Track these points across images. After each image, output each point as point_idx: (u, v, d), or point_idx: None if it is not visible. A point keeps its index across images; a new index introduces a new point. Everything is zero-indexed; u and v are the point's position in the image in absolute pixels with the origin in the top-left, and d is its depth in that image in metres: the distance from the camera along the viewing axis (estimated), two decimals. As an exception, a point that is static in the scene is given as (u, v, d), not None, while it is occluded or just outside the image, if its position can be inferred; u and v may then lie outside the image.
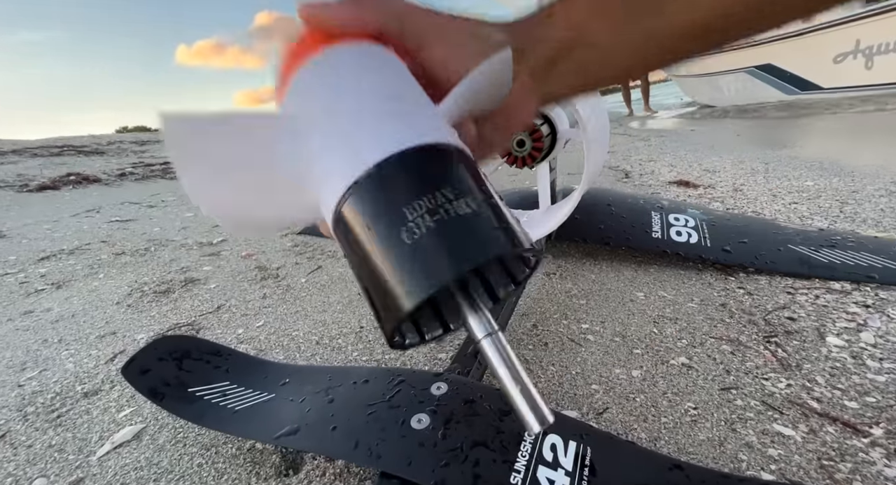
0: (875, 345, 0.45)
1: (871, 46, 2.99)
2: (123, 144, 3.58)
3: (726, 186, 1.17)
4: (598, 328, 0.55)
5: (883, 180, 1.06)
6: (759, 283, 0.62)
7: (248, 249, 0.98)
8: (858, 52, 3.08)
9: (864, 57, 3.06)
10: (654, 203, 0.80)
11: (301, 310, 0.66)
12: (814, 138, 2.13)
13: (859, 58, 3.09)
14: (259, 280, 0.79)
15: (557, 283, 0.69)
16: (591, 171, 0.47)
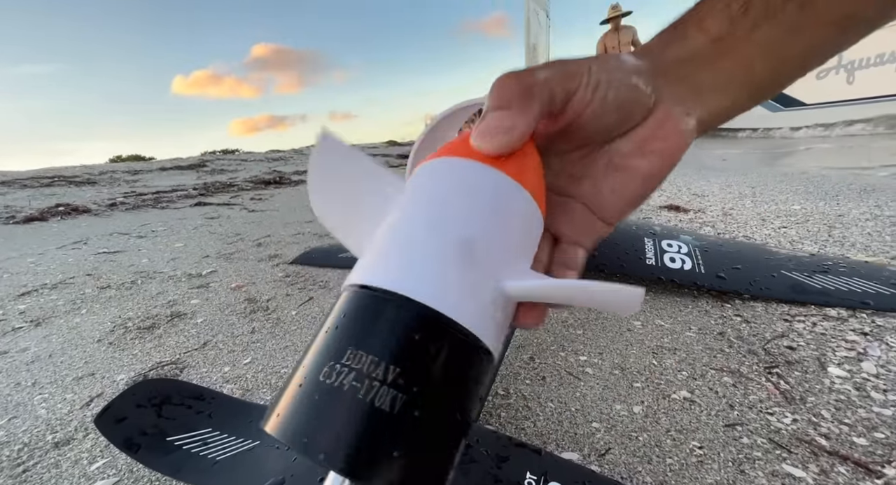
0: (877, 375, 0.44)
1: (852, 61, 3.11)
2: (116, 173, 3.58)
3: (716, 211, 1.19)
4: (596, 360, 0.54)
5: (867, 204, 1.08)
6: (755, 310, 0.61)
7: (238, 280, 0.96)
8: (840, 67, 3.19)
9: (845, 72, 3.17)
10: (647, 229, 0.80)
11: (291, 344, 0.64)
12: (796, 163, 2.19)
13: (841, 73, 3.20)
14: (248, 313, 0.76)
15: (553, 312, 0.68)
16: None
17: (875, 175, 1.48)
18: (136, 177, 3.44)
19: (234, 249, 1.27)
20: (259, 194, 2.75)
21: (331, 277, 0.94)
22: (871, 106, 3.03)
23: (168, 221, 1.85)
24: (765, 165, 2.00)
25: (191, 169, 4.22)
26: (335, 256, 1.05)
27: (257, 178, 3.55)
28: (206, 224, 1.74)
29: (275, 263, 1.09)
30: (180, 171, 4.06)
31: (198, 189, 2.94)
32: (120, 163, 5.82)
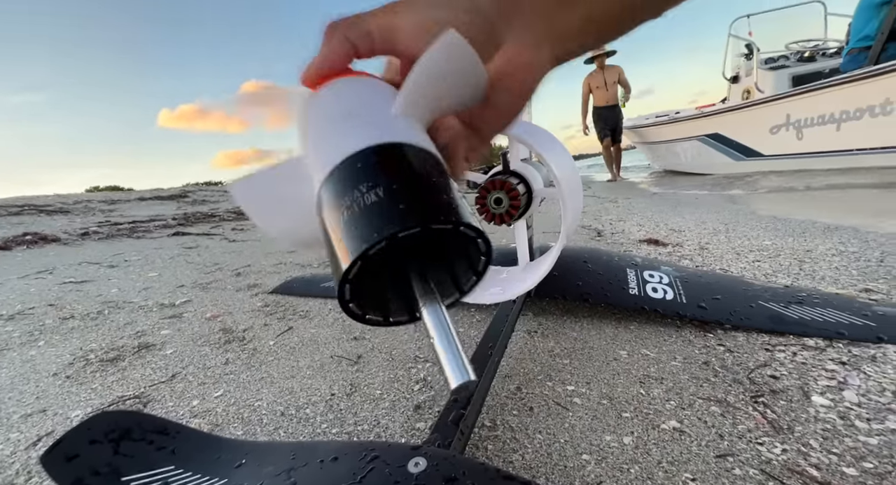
0: (860, 404, 0.45)
1: (799, 120, 3.42)
2: (91, 203, 3.49)
3: (692, 245, 1.23)
4: (584, 390, 0.53)
5: (832, 241, 1.14)
6: (737, 340, 0.62)
7: (213, 310, 0.92)
8: (790, 124, 3.50)
9: (795, 129, 3.47)
10: (628, 260, 0.82)
11: (266, 376, 0.61)
12: (763, 202, 2.32)
13: (791, 130, 3.51)
14: (223, 344, 0.73)
15: (539, 341, 0.67)
16: (568, 227, 0.48)
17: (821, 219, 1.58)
18: (112, 206, 3.35)
19: (212, 279, 1.23)
20: (241, 224, 2.71)
21: (312, 307, 0.91)
22: (820, 159, 3.31)
23: (143, 250, 1.79)
24: (733, 204, 2.11)
25: (171, 199, 4.16)
26: (317, 286, 1.03)
27: (239, 209, 3.51)
28: (184, 254, 1.69)
29: (254, 292, 1.06)
30: (160, 201, 3.99)
31: (177, 219, 2.88)
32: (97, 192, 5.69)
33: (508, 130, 0.43)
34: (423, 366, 0.62)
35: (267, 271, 1.30)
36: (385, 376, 0.59)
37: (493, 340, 0.56)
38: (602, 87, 4.61)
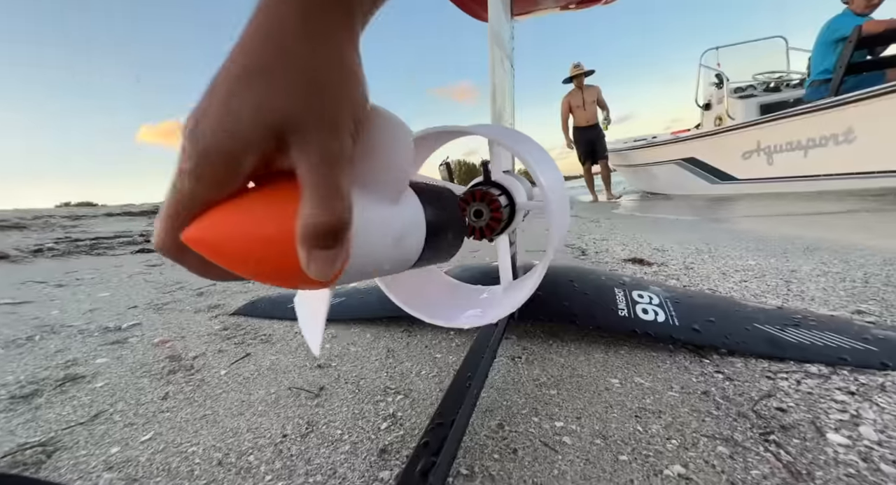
0: (880, 443, 0.40)
1: (769, 146, 3.57)
2: (53, 218, 3.30)
3: (678, 264, 1.21)
4: (574, 427, 0.46)
5: (814, 261, 1.13)
6: (735, 366, 0.57)
7: (164, 334, 0.83)
8: (760, 150, 3.65)
9: (765, 155, 3.62)
10: (616, 279, 0.78)
11: (210, 414, 0.52)
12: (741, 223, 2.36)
13: (762, 155, 3.66)
14: (165, 374, 0.64)
15: (524, 369, 0.61)
16: (554, 242, 0.43)
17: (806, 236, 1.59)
18: (76, 222, 3.17)
19: (170, 299, 1.13)
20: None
21: (276, 330, 0.83)
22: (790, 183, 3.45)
23: (101, 268, 1.67)
24: (712, 223, 2.13)
25: (143, 215, 3.98)
26: (284, 307, 0.95)
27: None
28: (145, 272, 1.57)
29: (214, 314, 0.97)
30: (130, 217, 3.81)
31: (145, 236, 2.74)
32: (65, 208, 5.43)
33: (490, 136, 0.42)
34: (393, 398, 0.54)
35: (234, 291, 1.21)
36: (349, 412, 0.52)
37: (472, 368, 0.50)
38: (581, 106, 4.60)
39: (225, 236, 0.17)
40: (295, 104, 0.16)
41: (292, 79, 0.16)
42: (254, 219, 0.17)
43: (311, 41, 0.17)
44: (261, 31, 0.17)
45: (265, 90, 0.16)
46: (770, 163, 3.60)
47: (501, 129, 0.51)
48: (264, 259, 0.17)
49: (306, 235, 0.16)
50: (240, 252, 0.17)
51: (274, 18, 0.17)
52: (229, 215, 0.17)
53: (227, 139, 0.16)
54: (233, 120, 0.16)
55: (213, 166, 0.16)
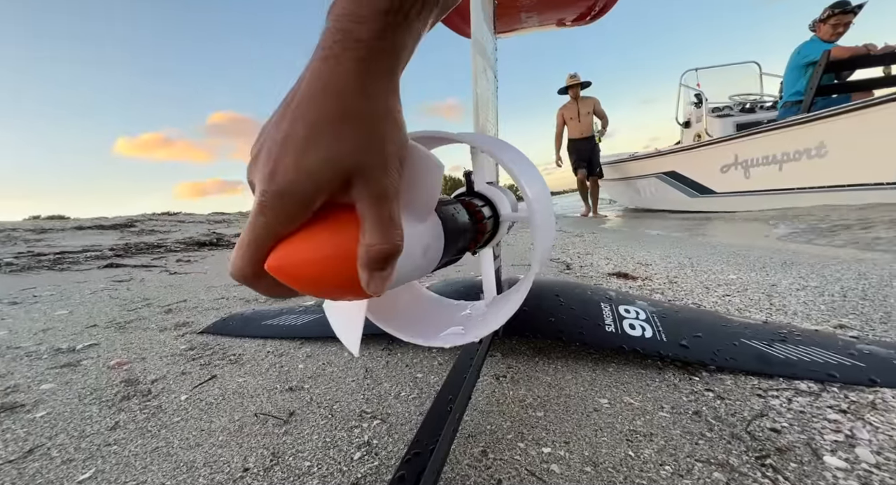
0: (878, 465, 0.38)
1: (746, 160, 3.70)
2: (17, 232, 3.14)
3: (661, 278, 1.20)
4: (562, 453, 0.43)
5: (793, 275, 1.15)
6: (725, 383, 0.55)
7: (122, 355, 0.77)
8: (738, 164, 3.78)
9: (742, 168, 3.75)
10: (602, 294, 0.76)
11: (163, 445, 0.47)
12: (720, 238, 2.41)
13: (739, 169, 3.78)
14: (118, 401, 0.58)
15: (509, 388, 0.57)
16: (540, 254, 0.41)
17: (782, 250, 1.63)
18: (41, 236, 3.01)
19: (135, 317, 1.06)
20: (189, 256, 2.49)
21: (246, 349, 0.78)
22: (766, 197, 3.57)
23: (62, 284, 1.57)
24: (695, 237, 2.17)
25: (114, 229, 3.83)
26: (257, 324, 0.90)
27: (191, 239, 3.27)
28: (111, 288, 1.49)
29: (181, 332, 0.91)
30: (101, 230, 3.66)
31: (115, 250, 2.62)
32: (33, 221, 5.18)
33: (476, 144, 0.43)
34: (369, 424, 0.50)
35: (204, 307, 1.15)
36: (320, 440, 0.47)
37: (454, 390, 0.47)
38: (576, 118, 4.48)
39: (301, 264, 0.20)
40: (357, 152, 0.19)
41: (355, 132, 0.19)
42: (323, 248, 0.20)
43: (368, 99, 0.20)
44: (327, 90, 0.19)
45: (335, 142, 0.19)
46: (747, 176, 3.72)
47: (487, 137, 0.49)
48: (331, 281, 0.21)
49: (369, 261, 0.20)
50: (312, 276, 0.20)
51: (337, 79, 0.19)
52: (303, 246, 0.20)
53: (303, 182, 0.19)
54: (308, 167, 0.19)
55: (291, 205, 0.19)
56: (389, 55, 0.20)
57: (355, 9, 0.19)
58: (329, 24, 0.20)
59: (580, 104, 4.45)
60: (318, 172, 0.19)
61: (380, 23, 0.19)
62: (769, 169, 3.50)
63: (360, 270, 0.20)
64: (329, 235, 0.20)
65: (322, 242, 0.20)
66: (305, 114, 0.19)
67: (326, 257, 0.20)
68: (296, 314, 0.92)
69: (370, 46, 0.19)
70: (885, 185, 2.74)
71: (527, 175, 0.41)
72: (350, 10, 0.19)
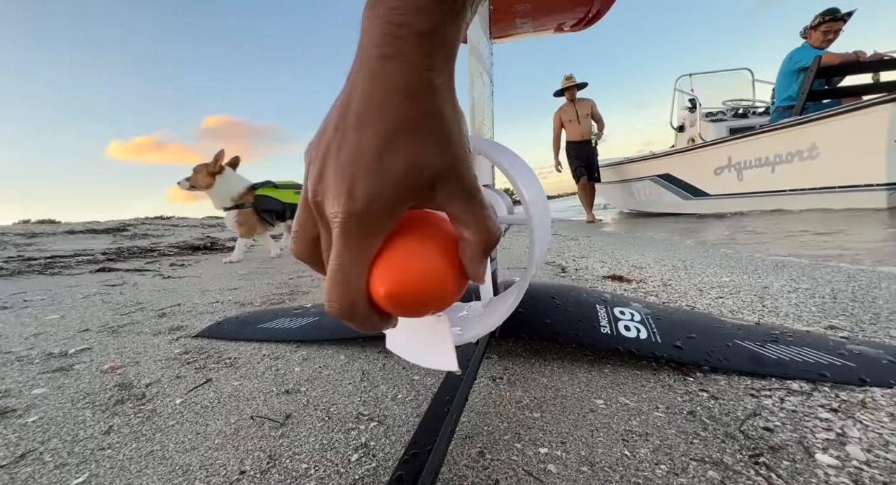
0: (868, 463, 0.39)
1: (739, 162, 3.74)
2: (6, 235, 3.10)
3: (656, 281, 1.22)
4: (559, 453, 0.44)
5: (784, 278, 1.16)
6: (719, 384, 0.56)
7: (115, 359, 0.76)
8: (731, 166, 3.83)
9: (735, 170, 3.80)
10: (597, 296, 0.76)
11: (159, 449, 0.47)
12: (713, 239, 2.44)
13: (732, 171, 3.83)
14: (112, 405, 0.57)
15: (505, 390, 0.58)
16: (537, 256, 0.42)
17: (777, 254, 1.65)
18: (32, 240, 2.97)
19: (128, 321, 1.05)
20: (182, 260, 2.47)
21: (242, 353, 0.77)
22: (759, 198, 3.61)
23: (53, 289, 1.55)
24: (688, 241, 2.19)
25: (106, 233, 3.79)
26: (253, 327, 0.89)
27: (185, 243, 3.25)
28: (103, 292, 1.47)
29: (175, 336, 0.90)
30: (93, 235, 3.62)
31: (107, 254, 2.59)
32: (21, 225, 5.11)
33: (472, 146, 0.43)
34: (366, 426, 0.50)
35: (199, 311, 1.14)
36: (317, 442, 0.47)
37: (451, 391, 0.47)
38: (574, 120, 4.31)
39: (417, 283, 0.19)
40: (439, 153, 0.18)
41: (434, 133, 0.18)
42: (433, 259, 0.19)
43: (439, 97, 0.18)
44: (397, 93, 0.17)
45: (414, 146, 0.18)
46: (740, 179, 3.77)
47: (483, 139, 0.50)
48: (442, 292, 0.20)
49: (479, 254, 0.20)
50: (427, 293, 0.19)
51: (405, 79, 0.17)
52: (411, 263, 0.19)
53: (387, 194, 0.18)
54: (391, 177, 0.18)
55: (375, 222, 0.18)
56: (448, 47, 0.19)
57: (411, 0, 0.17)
58: (377, 18, 0.18)
59: (577, 106, 4.31)
60: (402, 182, 0.18)
61: (438, 13, 0.17)
62: (762, 171, 3.55)
63: (468, 265, 0.20)
64: (429, 243, 0.20)
65: (420, 256, 0.19)
66: (375, 121, 0.17)
67: (431, 268, 0.19)
68: (291, 317, 0.92)
69: (433, 40, 0.18)
70: (874, 186, 2.79)
71: (523, 178, 0.41)
72: (405, 2, 0.17)
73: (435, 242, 0.20)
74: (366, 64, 0.18)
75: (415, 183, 0.18)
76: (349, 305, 0.19)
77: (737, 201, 3.83)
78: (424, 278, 0.19)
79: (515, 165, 0.45)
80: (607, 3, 1.15)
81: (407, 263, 0.19)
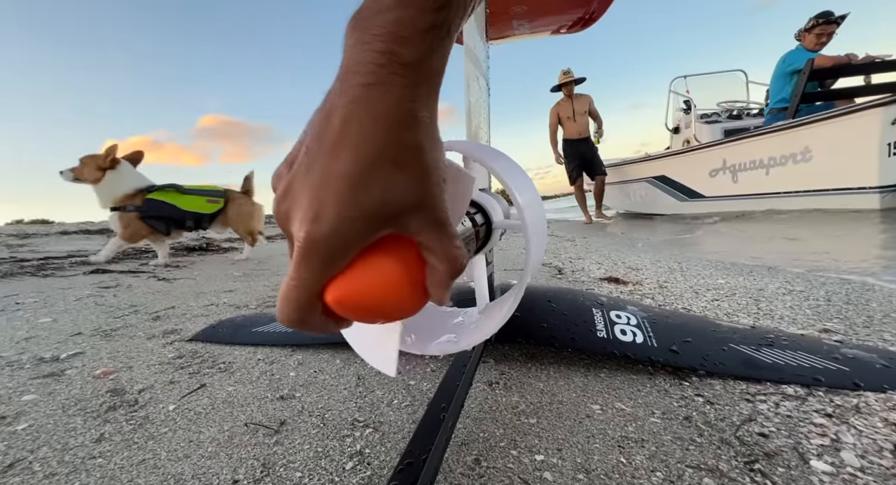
0: (863, 469, 0.39)
1: (734, 165, 3.77)
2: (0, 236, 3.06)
3: (652, 283, 1.22)
4: (555, 460, 0.43)
5: (779, 280, 1.17)
6: (714, 388, 0.56)
7: (108, 364, 0.75)
8: (726, 168, 3.85)
9: (730, 173, 3.82)
10: (594, 299, 0.76)
11: (151, 457, 0.46)
12: (709, 241, 2.45)
13: (727, 173, 3.86)
14: (104, 412, 0.57)
15: (502, 395, 0.58)
16: (532, 261, 0.41)
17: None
18: (24, 241, 2.94)
19: (122, 324, 1.04)
20: (178, 261, 2.46)
21: (237, 357, 0.77)
22: (753, 200, 3.64)
23: (45, 291, 1.53)
24: (682, 244, 2.20)
25: (101, 234, 3.76)
26: (247, 331, 0.89)
27: (180, 244, 3.22)
28: (97, 294, 1.46)
29: (169, 340, 0.89)
30: (86, 235, 3.59)
31: (102, 255, 2.56)
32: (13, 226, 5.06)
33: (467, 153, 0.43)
34: (361, 433, 0.50)
35: (193, 314, 1.13)
36: (311, 450, 0.47)
37: (447, 397, 0.47)
38: (571, 117, 4.16)
39: (361, 296, 0.19)
40: (415, 185, 0.18)
41: (412, 165, 0.18)
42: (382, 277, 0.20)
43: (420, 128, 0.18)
44: (378, 122, 0.17)
45: (391, 177, 0.17)
46: (735, 181, 3.80)
47: (478, 145, 0.49)
48: (390, 306, 0.21)
49: (448, 281, 0.21)
50: (372, 305, 0.20)
51: (388, 109, 0.17)
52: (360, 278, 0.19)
53: (357, 223, 0.17)
54: (364, 206, 0.17)
55: (342, 248, 0.18)
56: (432, 77, 0.18)
57: (397, 29, 0.17)
58: (360, 43, 0.17)
59: (575, 102, 4.17)
60: (374, 211, 0.18)
61: (425, 43, 0.17)
62: (756, 173, 3.58)
63: (432, 291, 0.21)
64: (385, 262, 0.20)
65: (378, 270, 0.20)
66: (352, 149, 0.17)
67: (386, 284, 0.20)
68: (287, 321, 0.91)
69: (418, 71, 0.17)
70: (867, 189, 2.82)
71: (519, 184, 0.41)
72: (391, 30, 0.17)
73: (396, 260, 0.20)
74: (348, 89, 0.17)
75: (386, 214, 0.18)
76: (299, 320, 0.19)
77: (732, 203, 3.86)
78: (376, 292, 0.20)
79: (510, 171, 0.45)
80: (603, 5, 1.15)
81: (363, 274, 0.20)
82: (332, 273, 0.19)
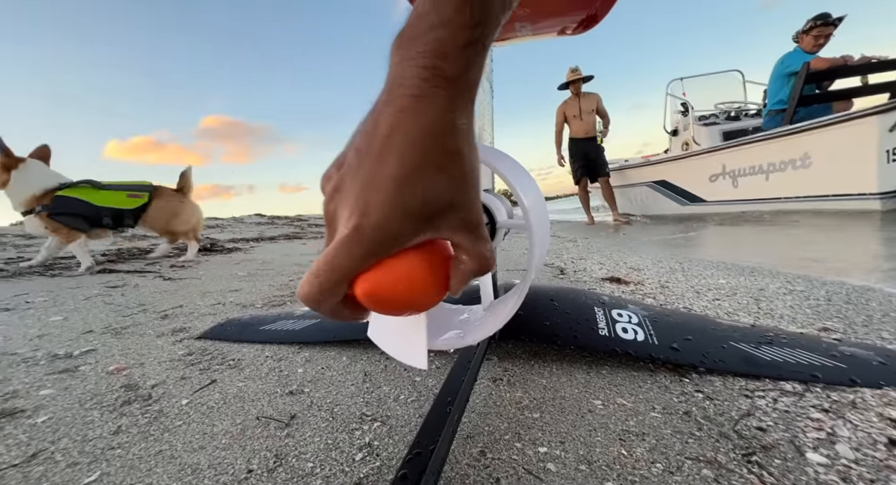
0: (857, 461, 0.40)
1: (734, 170, 3.78)
2: (6, 236, 3.10)
3: (653, 283, 1.23)
4: (558, 452, 0.45)
5: (780, 279, 1.18)
6: (714, 385, 0.57)
7: (120, 361, 0.77)
8: (726, 174, 3.86)
9: (730, 178, 3.83)
10: (595, 298, 0.78)
11: (167, 449, 0.48)
12: (710, 243, 2.46)
13: (727, 178, 3.87)
14: (119, 406, 0.58)
15: (506, 391, 0.59)
16: (536, 260, 0.43)
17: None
18: (31, 241, 2.98)
19: (131, 323, 1.06)
20: (182, 261, 2.48)
21: (245, 354, 0.78)
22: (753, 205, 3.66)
23: (55, 290, 1.56)
24: (684, 244, 2.21)
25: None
26: (255, 329, 0.90)
27: (184, 244, 3.24)
28: (105, 294, 1.48)
29: (178, 338, 0.91)
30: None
31: (107, 255, 2.59)
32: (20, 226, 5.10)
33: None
34: (370, 426, 0.51)
35: (201, 313, 1.15)
36: (321, 442, 0.48)
37: (452, 392, 0.48)
38: (578, 115, 4.05)
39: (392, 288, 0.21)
40: (453, 189, 0.20)
41: (452, 171, 0.20)
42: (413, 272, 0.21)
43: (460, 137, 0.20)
44: (425, 131, 0.19)
45: (433, 181, 0.19)
46: (735, 186, 3.81)
47: (483, 146, 0.51)
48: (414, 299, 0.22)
49: (473, 277, 0.23)
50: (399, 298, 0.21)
51: (434, 119, 0.19)
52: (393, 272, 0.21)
53: (400, 220, 0.19)
54: (407, 206, 0.19)
55: (385, 240, 0.20)
56: (471, 89, 0.20)
57: (438, 47, 0.18)
58: (406, 60, 0.19)
59: (582, 100, 4.03)
60: (416, 210, 0.19)
61: (463, 59, 0.19)
62: (756, 179, 3.59)
63: (455, 283, 0.22)
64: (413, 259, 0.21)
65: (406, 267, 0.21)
66: (401, 153, 0.19)
67: (413, 281, 0.21)
68: (294, 319, 0.93)
69: (458, 84, 0.19)
70: (866, 195, 2.82)
71: (523, 184, 0.43)
72: (433, 48, 0.18)
73: (423, 254, 0.22)
74: (395, 100, 0.19)
75: (427, 213, 0.20)
76: (318, 301, 0.21)
77: (733, 207, 3.87)
78: (402, 284, 0.21)
79: (514, 172, 0.46)
80: (605, 6, 1.17)
81: (391, 267, 0.21)
82: (368, 263, 0.20)
